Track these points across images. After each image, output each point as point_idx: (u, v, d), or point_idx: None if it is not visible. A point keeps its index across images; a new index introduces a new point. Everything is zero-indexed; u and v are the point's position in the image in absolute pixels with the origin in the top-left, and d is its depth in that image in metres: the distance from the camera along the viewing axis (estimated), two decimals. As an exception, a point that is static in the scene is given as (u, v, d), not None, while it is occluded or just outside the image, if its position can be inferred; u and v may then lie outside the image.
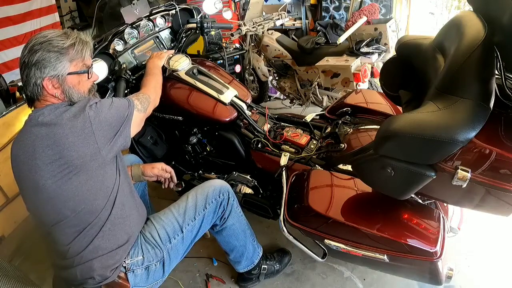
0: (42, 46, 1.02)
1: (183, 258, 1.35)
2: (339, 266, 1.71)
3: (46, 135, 0.99)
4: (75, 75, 1.08)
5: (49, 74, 1.03)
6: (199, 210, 1.33)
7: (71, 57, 1.06)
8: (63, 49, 1.04)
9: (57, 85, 1.06)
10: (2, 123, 2.02)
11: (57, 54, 1.03)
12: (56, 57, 1.03)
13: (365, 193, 1.29)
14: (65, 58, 1.05)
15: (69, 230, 1.08)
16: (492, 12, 0.88)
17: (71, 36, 1.07)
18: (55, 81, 1.05)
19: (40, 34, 1.06)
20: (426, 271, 1.16)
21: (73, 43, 1.07)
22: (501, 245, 1.76)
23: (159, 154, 1.96)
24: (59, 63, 1.04)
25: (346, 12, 3.65)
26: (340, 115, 1.74)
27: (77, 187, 1.03)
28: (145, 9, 2.00)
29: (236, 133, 1.75)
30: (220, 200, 1.38)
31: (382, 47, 2.32)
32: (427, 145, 0.88)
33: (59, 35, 1.06)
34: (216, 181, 1.44)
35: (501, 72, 0.87)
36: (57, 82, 1.06)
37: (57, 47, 1.04)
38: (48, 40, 1.03)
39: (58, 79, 1.05)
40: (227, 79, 1.83)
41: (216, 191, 1.38)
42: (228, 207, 1.40)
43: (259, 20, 2.75)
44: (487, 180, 0.89)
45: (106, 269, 1.13)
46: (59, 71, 1.04)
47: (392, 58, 1.33)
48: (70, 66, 1.07)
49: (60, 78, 1.05)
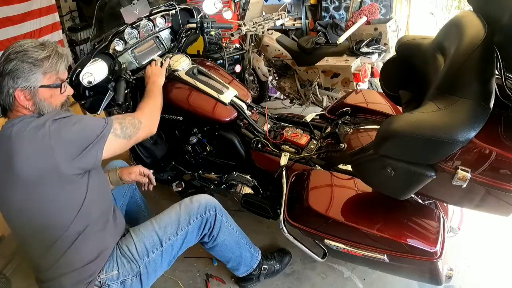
0: (17, 55, 1.00)
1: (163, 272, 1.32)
2: (339, 266, 1.71)
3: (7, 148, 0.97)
4: (47, 88, 1.06)
5: (21, 85, 1.01)
6: (182, 226, 1.28)
7: (44, 70, 1.03)
8: (37, 61, 1.02)
9: (29, 97, 1.03)
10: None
11: (31, 65, 1.01)
12: (29, 68, 1.01)
13: (365, 193, 1.29)
14: (38, 70, 1.02)
15: (39, 243, 1.07)
16: (492, 12, 0.88)
17: (47, 48, 1.05)
18: (27, 92, 1.03)
19: (17, 43, 1.04)
20: (426, 271, 1.16)
21: (48, 56, 1.04)
22: (501, 245, 1.76)
23: (159, 154, 1.96)
24: (32, 74, 1.02)
25: (346, 12, 3.65)
26: (340, 115, 1.74)
27: (39, 201, 1.02)
28: (145, 9, 1.99)
29: (236, 133, 1.75)
30: (206, 216, 1.33)
31: (382, 47, 2.32)
32: (427, 145, 0.88)
33: (35, 45, 1.04)
34: (202, 196, 1.38)
35: (501, 72, 0.87)
36: (29, 94, 1.03)
37: (32, 58, 1.01)
38: (24, 50, 1.01)
39: (30, 90, 1.03)
40: (227, 79, 1.83)
41: (202, 207, 1.33)
42: (217, 223, 1.36)
43: (259, 20, 2.75)
44: (487, 180, 0.89)
45: (79, 284, 1.11)
46: (31, 83, 1.02)
47: (392, 58, 1.33)
48: (43, 79, 1.04)
49: (32, 90, 1.03)
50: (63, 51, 1.10)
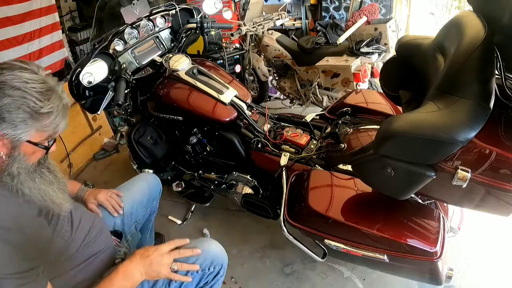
0: (14, 93, 0.78)
1: None
2: (339, 266, 1.71)
3: None
4: (33, 145, 0.86)
5: (4, 131, 0.80)
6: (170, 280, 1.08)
7: (40, 126, 0.84)
8: (36, 114, 0.81)
9: (8, 146, 0.83)
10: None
11: (27, 116, 0.80)
12: (23, 119, 0.80)
13: (365, 193, 1.29)
14: (33, 124, 0.82)
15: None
16: (492, 12, 0.88)
17: (52, 101, 0.84)
18: (7, 141, 0.82)
19: (21, 73, 0.81)
20: (426, 271, 1.16)
21: (51, 112, 0.84)
22: (501, 245, 1.76)
23: (159, 154, 1.96)
24: (23, 126, 0.81)
25: (346, 12, 3.65)
26: (340, 115, 1.74)
27: None
28: (145, 9, 2.00)
29: (236, 133, 1.75)
30: (208, 272, 1.12)
31: (382, 47, 2.32)
32: (427, 145, 0.88)
33: (40, 91, 0.82)
34: (213, 247, 1.15)
35: (501, 72, 0.87)
36: (9, 143, 0.83)
37: (31, 108, 0.80)
38: (25, 92, 0.80)
39: (12, 141, 0.82)
40: (227, 79, 1.84)
41: (208, 261, 1.11)
42: (213, 282, 1.15)
43: (259, 20, 2.75)
44: (487, 180, 0.89)
45: None
46: (17, 134, 0.81)
47: (392, 58, 1.33)
48: (34, 135, 0.84)
49: (15, 141, 0.83)
50: (68, 104, 0.91)
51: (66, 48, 3.83)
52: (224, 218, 2.08)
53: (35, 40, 3.38)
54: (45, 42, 3.47)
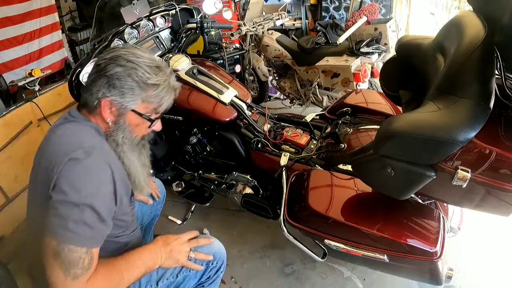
0: (126, 64, 0.89)
1: None
2: (339, 266, 1.71)
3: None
4: (138, 116, 0.94)
5: (113, 97, 0.89)
6: (180, 270, 1.09)
7: (146, 97, 0.92)
8: (144, 84, 0.90)
9: (115, 113, 0.92)
10: (2, 123, 2.02)
11: (135, 84, 0.89)
12: (132, 87, 0.89)
13: (365, 193, 1.29)
14: (140, 93, 0.91)
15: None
16: (492, 12, 0.88)
17: (161, 76, 0.92)
18: (115, 108, 0.91)
19: (133, 49, 0.92)
20: (426, 271, 1.16)
21: (158, 85, 0.92)
22: (501, 245, 1.76)
23: (159, 154, 1.96)
24: (131, 94, 0.90)
25: (346, 12, 3.65)
26: (340, 115, 1.74)
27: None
28: (145, 9, 2.00)
29: (236, 133, 1.75)
30: (212, 267, 1.14)
31: (382, 47, 2.32)
32: (427, 145, 0.88)
33: (150, 65, 0.91)
34: (215, 243, 1.18)
35: (501, 72, 0.87)
36: (116, 111, 0.92)
37: (140, 78, 0.89)
38: (136, 64, 0.89)
39: (119, 108, 0.91)
40: (227, 79, 1.84)
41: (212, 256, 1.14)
42: (215, 276, 1.17)
43: (259, 20, 2.75)
44: (487, 180, 0.89)
45: None
46: (125, 102, 0.90)
47: (392, 58, 1.33)
48: (140, 105, 0.93)
49: (122, 108, 0.91)
50: (175, 85, 0.98)
51: (66, 48, 3.84)
52: (224, 218, 2.08)
53: (35, 40, 3.38)
54: (45, 42, 3.48)
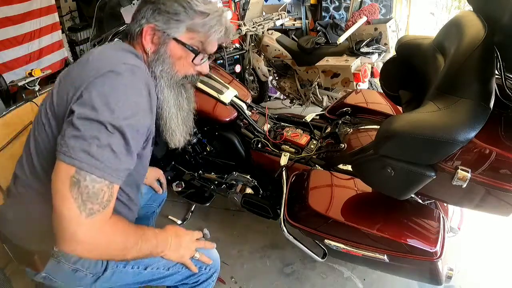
0: None
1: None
2: (339, 266, 1.71)
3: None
4: (181, 46, 0.87)
5: (157, 23, 0.84)
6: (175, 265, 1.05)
7: (192, 25, 0.85)
8: (191, 10, 0.84)
9: (156, 42, 0.86)
10: (2, 123, 2.02)
11: (182, 10, 0.83)
12: (177, 12, 0.84)
13: (365, 193, 1.29)
14: (186, 20, 0.84)
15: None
16: (492, 12, 0.88)
17: (212, 7, 0.86)
18: (157, 36, 0.86)
19: None
20: (426, 271, 1.16)
21: (207, 14, 0.85)
22: (501, 245, 1.76)
23: (159, 154, 1.96)
24: (175, 20, 0.84)
25: (346, 12, 3.65)
26: (340, 115, 1.74)
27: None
28: (145, 9, 1.99)
29: (236, 133, 1.75)
30: (204, 272, 1.10)
31: (382, 47, 2.32)
32: (427, 145, 0.88)
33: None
34: (214, 252, 1.16)
35: (501, 72, 0.87)
36: (158, 39, 0.86)
37: (188, 4, 0.84)
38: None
39: (161, 36, 0.85)
40: (227, 79, 1.84)
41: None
42: (204, 284, 1.13)
43: (259, 20, 2.75)
44: (487, 180, 0.89)
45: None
46: (168, 29, 0.85)
47: (392, 58, 1.33)
48: (184, 34, 0.86)
49: (164, 36, 0.85)
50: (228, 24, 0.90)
51: (66, 48, 3.83)
52: (224, 218, 2.08)
53: (35, 40, 3.38)
54: (45, 42, 3.47)
